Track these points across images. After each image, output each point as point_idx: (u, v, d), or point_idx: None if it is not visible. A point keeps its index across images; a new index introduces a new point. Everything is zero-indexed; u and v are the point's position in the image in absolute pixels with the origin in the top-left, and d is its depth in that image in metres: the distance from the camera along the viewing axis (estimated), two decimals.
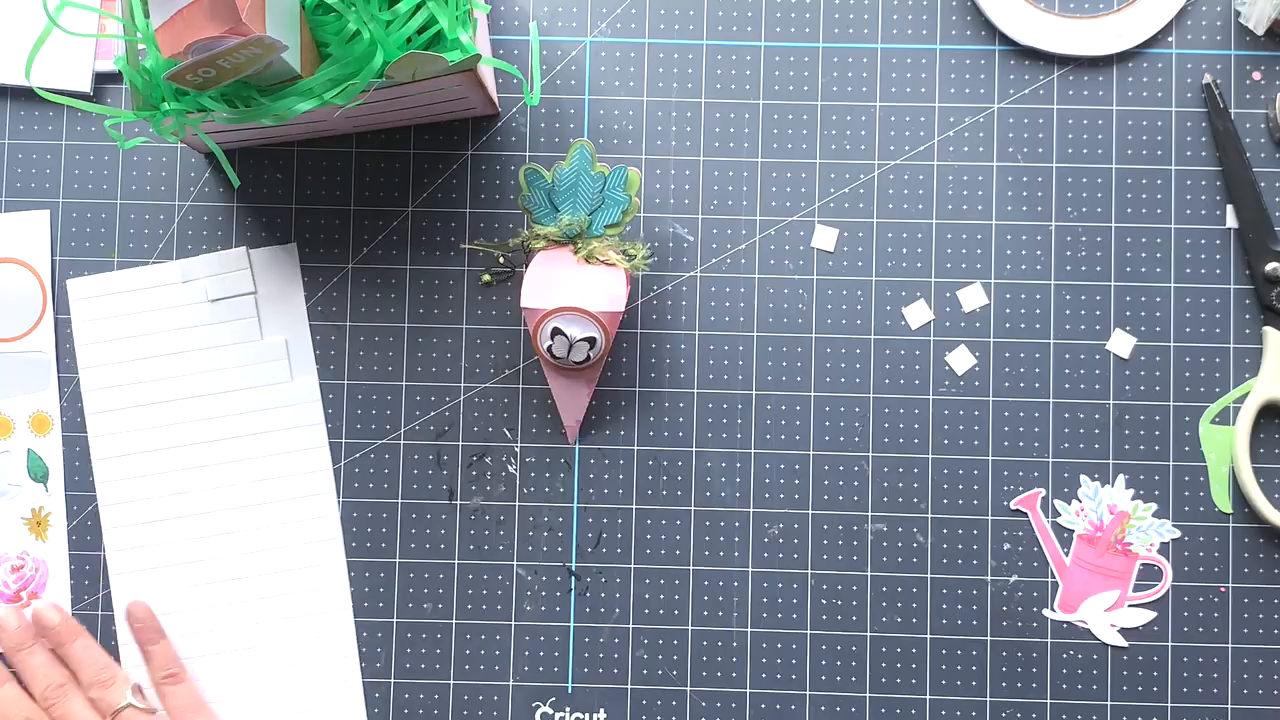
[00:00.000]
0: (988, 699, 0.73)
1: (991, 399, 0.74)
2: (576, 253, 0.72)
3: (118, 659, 0.74)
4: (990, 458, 0.74)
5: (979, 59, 0.75)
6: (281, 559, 0.74)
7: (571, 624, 0.74)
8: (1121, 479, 0.74)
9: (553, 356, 0.71)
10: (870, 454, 0.74)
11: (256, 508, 0.74)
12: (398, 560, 0.74)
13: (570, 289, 0.70)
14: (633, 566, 0.74)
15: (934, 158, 0.75)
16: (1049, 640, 0.73)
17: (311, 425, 0.75)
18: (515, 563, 0.75)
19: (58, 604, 0.73)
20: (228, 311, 0.75)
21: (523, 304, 0.70)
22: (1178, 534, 0.73)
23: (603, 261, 0.71)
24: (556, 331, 0.70)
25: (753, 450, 0.74)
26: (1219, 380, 0.74)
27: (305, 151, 0.76)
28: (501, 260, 0.75)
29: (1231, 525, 0.73)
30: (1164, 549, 0.73)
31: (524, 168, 0.72)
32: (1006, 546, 0.74)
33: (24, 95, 0.76)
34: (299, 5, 0.64)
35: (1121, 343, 0.74)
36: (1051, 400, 0.74)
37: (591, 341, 0.70)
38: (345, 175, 0.76)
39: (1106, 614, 0.73)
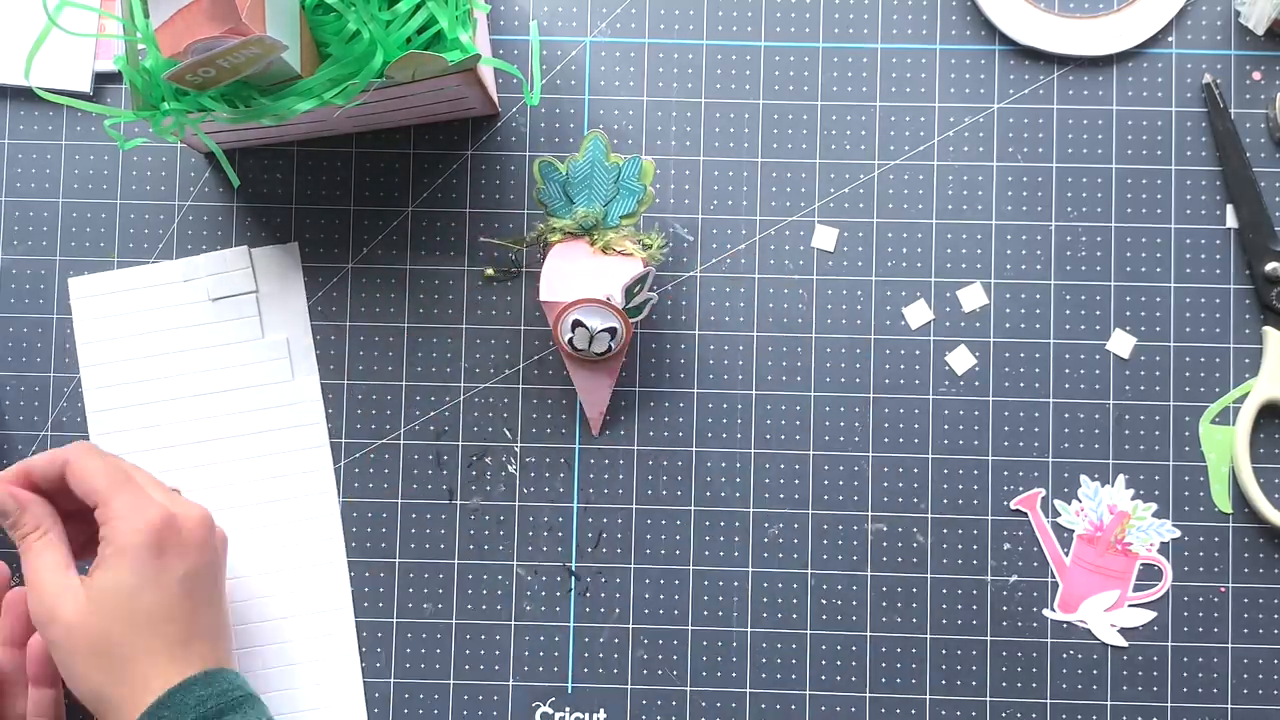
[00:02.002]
0: (988, 699, 0.73)
1: (991, 399, 0.74)
2: (593, 244, 0.71)
3: None
4: (990, 458, 0.74)
5: (979, 59, 0.75)
6: (282, 558, 0.74)
7: (571, 624, 0.74)
8: (1121, 479, 0.73)
9: (574, 349, 0.71)
10: (870, 454, 0.74)
11: (257, 507, 0.74)
12: (398, 560, 0.74)
13: (588, 280, 0.70)
14: (633, 566, 0.74)
15: (934, 158, 0.75)
16: (1049, 640, 0.73)
17: (312, 425, 0.75)
18: (515, 563, 0.75)
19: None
20: (229, 311, 0.75)
21: (541, 297, 0.70)
22: (1178, 534, 0.73)
23: (619, 252, 0.71)
24: (577, 324, 0.70)
25: (753, 450, 0.74)
26: (1219, 380, 0.74)
27: (305, 151, 0.76)
28: (513, 257, 0.75)
29: (1231, 525, 0.73)
30: (1164, 549, 0.73)
31: (538, 160, 0.72)
32: (1006, 546, 0.74)
33: (24, 95, 0.76)
34: (299, 5, 0.64)
35: (1121, 343, 0.74)
36: (1051, 400, 0.74)
37: (612, 332, 0.70)
38: (345, 175, 0.76)
39: (1106, 614, 0.73)
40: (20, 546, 0.64)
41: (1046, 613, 0.73)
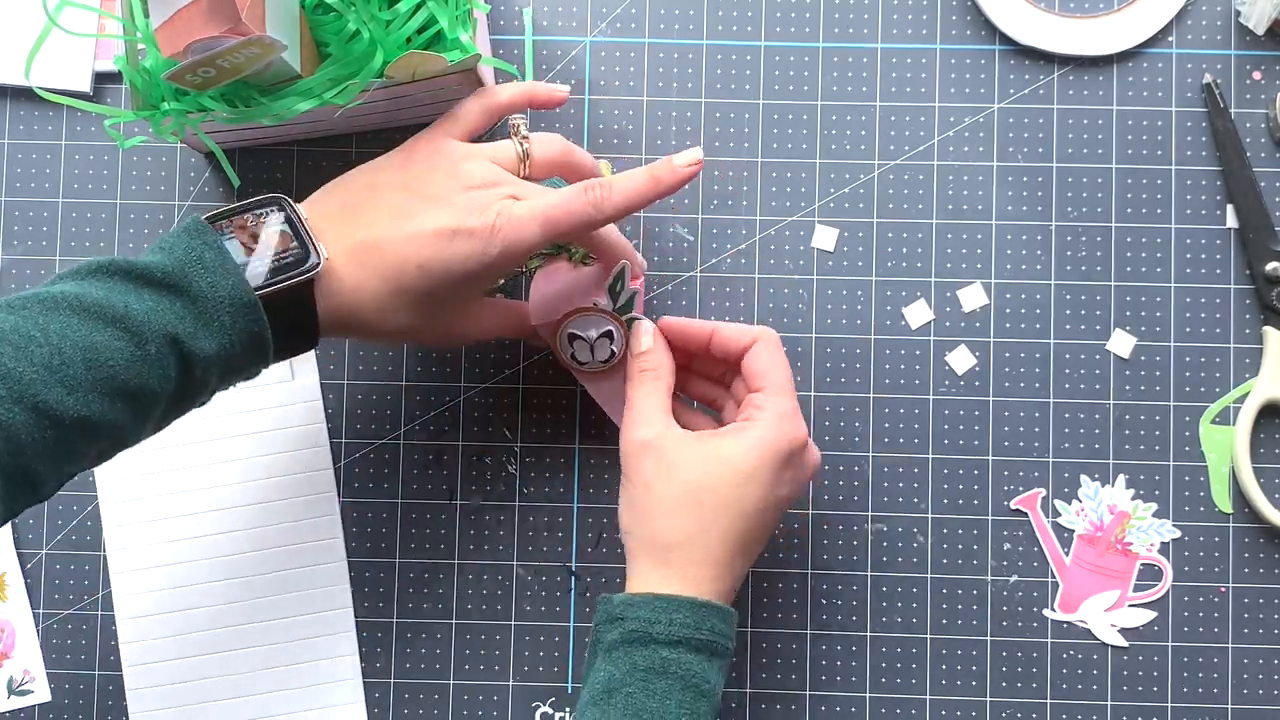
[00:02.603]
0: (988, 699, 0.73)
1: (991, 399, 0.74)
2: (571, 259, 0.71)
3: (118, 667, 0.74)
4: (990, 458, 0.74)
5: (979, 59, 0.75)
6: (282, 558, 0.74)
7: (571, 624, 0.74)
8: (1121, 479, 0.74)
9: (578, 363, 0.70)
10: (870, 454, 0.74)
11: (257, 507, 0.74)
12: (398, 560, 0.74)
13: (575, 294, 0.69)
14: None
15: (934, 158, 0.75)
16: (1049, 640, 0.73)
17: (312, 425, 0.75)
18: (515, 563, 0.75)
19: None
20: None
21: (533, 323, 0.69)
22: (1178, 534, 0.73)
23: (598, 261, 0.71)
24: (574, 336, 0.69)
25: None
26: (1219, 380, 0.74)
27: (305, 151, 0.76)
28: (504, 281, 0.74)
29: (1231, 525, 0.73)
30: (1164, 549, 0.73)
31: None
32: (1006, 546, 0.74)
33: (24, 95, 0.76)
34: (299, 5, 0.65)
35: (1121, 343, 0.74)
36: (1051, 400, 0.74)
37: (610, 335, 0.69)
38: None
39: (1106, 614, 0.73)
40: (631, 375, 0.67)
41: (1046, 613, 0.73)
